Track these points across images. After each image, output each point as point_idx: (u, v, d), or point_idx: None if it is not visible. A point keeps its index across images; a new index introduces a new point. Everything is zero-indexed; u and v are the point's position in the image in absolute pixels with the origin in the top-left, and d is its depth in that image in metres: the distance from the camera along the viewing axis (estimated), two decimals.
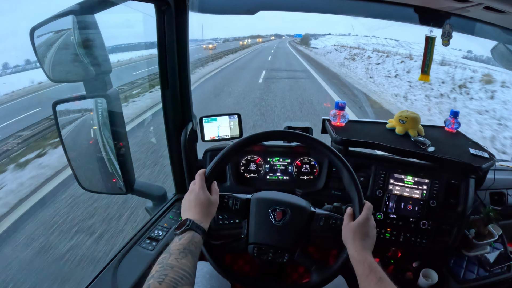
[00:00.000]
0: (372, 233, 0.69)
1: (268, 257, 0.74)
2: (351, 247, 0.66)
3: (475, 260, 1.09)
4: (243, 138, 0.79)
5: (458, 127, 1.20)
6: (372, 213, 0.71)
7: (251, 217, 0.77)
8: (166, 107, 1.06)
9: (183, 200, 0.73)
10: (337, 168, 0.77)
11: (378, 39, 29.88)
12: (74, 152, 1.02)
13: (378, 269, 0.61)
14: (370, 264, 0.62)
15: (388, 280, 0.60)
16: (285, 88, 8.23)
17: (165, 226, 1.02)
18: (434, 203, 1.01)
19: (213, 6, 1.06)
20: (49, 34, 0.88)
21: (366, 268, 0.61)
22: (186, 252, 0.58)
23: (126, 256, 0.89)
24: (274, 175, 1.16)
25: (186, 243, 0.60)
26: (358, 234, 0.67)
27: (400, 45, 23.21)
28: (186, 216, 0.68)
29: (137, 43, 15.62)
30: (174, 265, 0.55)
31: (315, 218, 0.76)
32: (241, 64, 15.65)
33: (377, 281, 0.59)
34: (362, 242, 0.66)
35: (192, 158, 1.14)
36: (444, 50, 11.22)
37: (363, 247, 0.65)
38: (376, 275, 0.60)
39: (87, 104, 1.02)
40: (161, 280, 0.51)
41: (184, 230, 0.63)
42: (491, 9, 0.80)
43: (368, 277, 0.60)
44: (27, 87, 9.18)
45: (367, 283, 0.60)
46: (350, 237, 0.68)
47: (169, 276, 0.53)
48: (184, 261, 0.57)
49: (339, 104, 1.15)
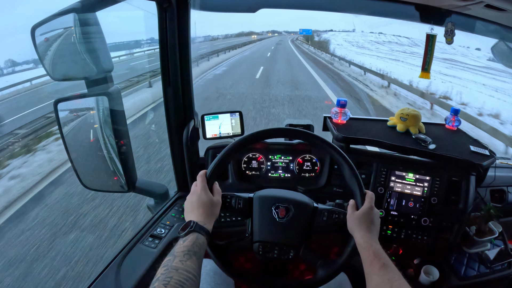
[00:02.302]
0: (377, 221, 0.71)
1: (274, 255, 0.75)
2: (357, 235, 0.68)
3: (475, 257, 1.09)
4: (244, 136, 0.79)
5: (459, 125, 1.21)
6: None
7: (254, 216, 0.77)
8: (168, 105, 1.06)
9: (186, 202, 0.73)
10: (338, 163, 0.78)
11: (386, 36, 28.37)
12: (76, 150, 1.02)
13: (383, 255, 0.62)
14: (375, 251, 0.63)
15: (392, 265, 0.61)
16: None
17: (168, 224, 1.02)
18: (435, 200, 1.02)
19: (214, 4, 1.06)
20: (50, 32, 0.88)
21: (371, 254, 0.62)
22: (190, 254, 0.59)
23: (129, 254, 0.89)
24: (276, 173, 1.16)
25: (190, 245, 0.61)
26: (364, 222, 0.69)
27: (414, 44, 22.36)
28: (189, 218, 0.68)
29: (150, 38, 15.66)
30: (178, 267, 0.55)
31: (318, 213, 0.76)
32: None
33: (380, 267, 0.60)
34: (368, 229, 0.68)
35: (194, 156, 1.14)
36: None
37: (369, 233, 0.67)
38: (380, 261, 0.61)
39: (89, 102, 1.02)
40: (166, 283, 0.52)
41: (188, 232, 0.63)
42: (492, 7, 0.81)
43: (372, 263, 0.61)
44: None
45: (371, 269, 0.61)
46: (356, 225, 0.69)
47: (174, 278, 0.53)
48: (189, 263, 0.57)
49: (341, 101, 1.16)
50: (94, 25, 0.90)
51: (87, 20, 0.88)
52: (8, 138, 4.23)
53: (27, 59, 11.37)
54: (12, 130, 4.52)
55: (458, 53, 18.79)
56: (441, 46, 1.10)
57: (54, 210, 2.69)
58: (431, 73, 1.10)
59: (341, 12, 1.18)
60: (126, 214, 2.54)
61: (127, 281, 0.81)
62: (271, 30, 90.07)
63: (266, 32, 77.70)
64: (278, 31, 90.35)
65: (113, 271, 0.83)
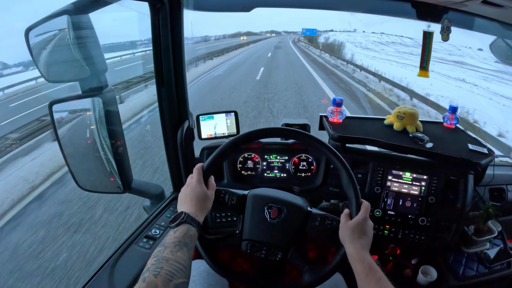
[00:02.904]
0: (370, 233, 0.69)
1: (261, 255, 0.74)
2: (350, 246, 0.66)
3: (474, 256, 1.08)
4: (241, 135, 0.79)
5: (457, 123, 1.19)
6: (370, 211, 0.71)
7: (246, 214, 0.77)
8: (162, 106, 1.06)
9: (180, 193, 0.73)
10: (334, 166, 0.76)
11: (390, 36, 26.82)
12: (71, 152, 1.02)
13: (378, 269, 0.61)
14: (369, 264, 0.62)
15: (387, 280, 0.60)
16: None
17: (163, 224, 1.01)
18: (433, 199, 1.01)
19: (207, 4, 1.06)
20: (44, 34, 0.89)
21: (366, 267, 0.61)
22: (181, 245, 0.59)
23: (123, 255, 0.89)
24: (272, 173, 1.16)
25: (181, 236, 0.60)
26: (357, 233, 0.67)
27: (418, 44, 21.48)
28: (181, 209, 0.68)
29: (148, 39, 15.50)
30: (169, 258, 0.55)
31: (311, 218, 0.75)
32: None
33: (376, 281, 0.59)
34: (361, 241, 0.66)
35: (189, 157, 1.14)
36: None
37: (362, 246, 0.65)
38: (376, 275, 0.60)
39: (83, 103, 1.02)
40: (156, 273, 0.52)
41: (179, 223, 0.63)
42: (489, 3, 0.79)
43: (367, 276, 0.60)
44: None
45: (366, 282, 0.60)
46: (348, 236, 0.67)
47: (165, 269, 0.53)
48: (179, 254, 0.57)
49: (336, 100, 1.15)
50: (87, 27, 0.90)
51: (80, 22, 0.88)
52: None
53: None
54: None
55: (465, 54, 17.39)
56: (446, 47, 1.07)
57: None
58: (429, 72, 1.08)
59: (337, 10, 1.17)
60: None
61: (120, 282, 0.81)
62: (270, 30, 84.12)
63: (265, 32, 69.18)
64: (277, 31, 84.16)
65: (106, 272, 0.83)
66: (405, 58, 17.80)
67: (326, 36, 33.29)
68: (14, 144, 4.12)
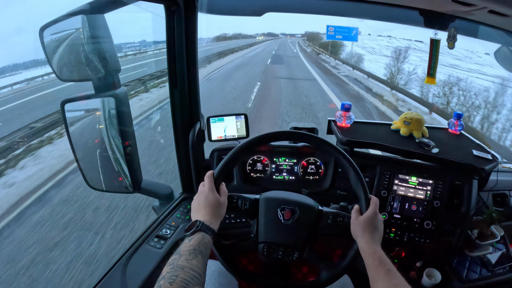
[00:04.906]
0: (380, 227, 0.71)
1: (278, 256, 0.76)
2: (361, 240, 0.68)
3: (477, 260, 1.10)
4: (250, 139, 0.80)
5: (462, 129, 1.22)
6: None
7: (260, 217, 0.78)
8: (174, 107, 1.07)
9: (193, 202, 0.74)
10: (343, 166, 0.79)
11: (399, 40, 24.32)
12: (82, 151, 1.02)
13: (387, 261, 0.64)
14: (379, 257, 0.64)
15: (396, 272, 0.62)
16: None
17: (173, 224, 1.02)
18: (438, 203, 1.03)
19: (221, 7, 1.07)
20: (58, 33, 0.89)
21: (376, 260, 0.64)
22: (196, 253, 0.59)
23: (135, 255, 0.90)
24: (280, 175, 1.17)
25: (196, 244, 0.61)
26: (368, 227, 0.69)
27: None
28: (195, 217, 0.69)
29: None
30: (184, 266, 0.56)
31: (323, 216, 0.77)
32: None
33: (385, 273, 0.61)
34: (372, 235, 0.68)
35: (200, 158, 1.15)
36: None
37: (372, 239, 0.68)
38: (385, 267, 0.62)
39: (95, 103, 1.02)
40: (171, 281, 0.52)
41: (194, 232, 0.63)
42: (495, 13, 0.82)
43: (377, 269, 0.62)
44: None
45: (376, 274, 0.62)
46: (360, 230, 0.70)
47: (180, 277, 0.53)
48: (194, 261, 0.57)
49: (345, 105, 1.17)
50: (102, 27, 0.90)
51: (96, 22, 0.89)
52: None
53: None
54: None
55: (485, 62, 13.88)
56: (463, 52, 1.04)
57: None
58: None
59: (346, 17, 1.19)
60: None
61: (133, 281, 0.82)
62: (267, 33, 66.73)
63: (259, 34, 49.79)
64: (274, 33, 67.52)
65: (119, 271, 0.84)
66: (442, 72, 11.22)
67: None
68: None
